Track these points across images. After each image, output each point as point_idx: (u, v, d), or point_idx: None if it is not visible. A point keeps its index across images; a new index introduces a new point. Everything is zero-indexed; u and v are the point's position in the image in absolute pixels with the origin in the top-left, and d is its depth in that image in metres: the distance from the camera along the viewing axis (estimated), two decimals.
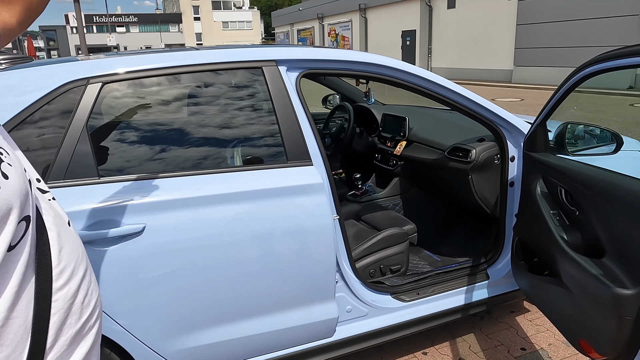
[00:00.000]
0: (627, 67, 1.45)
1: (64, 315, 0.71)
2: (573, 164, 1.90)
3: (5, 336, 0.61)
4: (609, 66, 1.53)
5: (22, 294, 0.64)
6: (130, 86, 1.77)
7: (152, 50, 2.07)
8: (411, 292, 2.30)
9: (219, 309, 1.79)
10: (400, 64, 2.13)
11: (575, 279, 1.73)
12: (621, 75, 13.22)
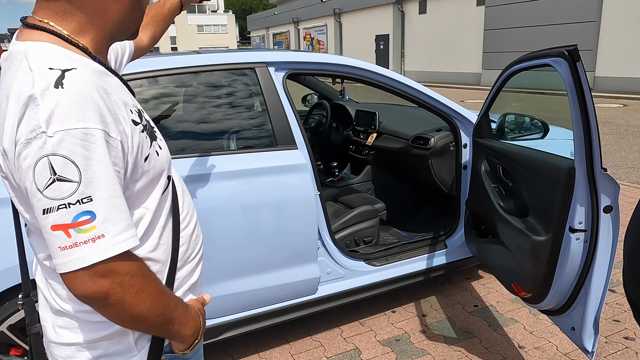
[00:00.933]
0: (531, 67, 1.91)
1: (186, 247, 1.04)
2: (508, 146, 2.35)
3: (157, 256, 0.95)
4: (523, 67, 1.98)
5: (166, 228, 0.97)
6: (149, 84, 2.14)
7: (160, 54, 2.44)
8: (381, 259, 2.71)
9: (221, 268, 2.16)
10: (370, 65, 2.55)
11: (508, 236, 2.18)
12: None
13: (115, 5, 0.87)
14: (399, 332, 2.64)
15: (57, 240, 0.75)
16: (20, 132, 0.74)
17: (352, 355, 2.45)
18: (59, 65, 0.78)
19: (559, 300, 1.98)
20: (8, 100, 0.77)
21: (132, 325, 0.88)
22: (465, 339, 2.56)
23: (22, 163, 0.75)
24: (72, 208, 0.74)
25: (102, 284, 0.78)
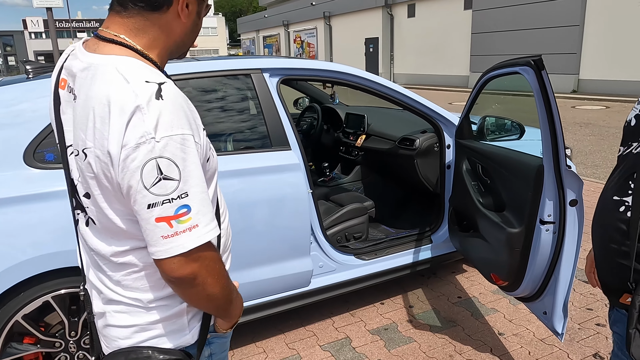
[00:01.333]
0: (503, 75, 2.09)
1: (225, 239, 1.15)
2: (487, 146, 2.53)
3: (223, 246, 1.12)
4: (496, 74, 2.16)
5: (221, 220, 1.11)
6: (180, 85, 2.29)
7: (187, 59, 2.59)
8: (370, 253, 2.88)
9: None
10: (359, 71, 2.72)
11: (487, 229, 2.36)
12: (565, 81, 14.39)
13: (179, 26, 1.00)
14: (387, 322, 2.81)
15: (160, 231, 0.88)
16: (128, 137, 0.85)
17: (344, 344, 2.61)
18: (152, 78, 0.90)
19: (532, 287, 2.16)
20: (108, 109, 0.87)
21: (203, 304, 1.03)
22: (449, 327, 2.73)
23: (129, 164, 0.86)
24: (174, 202, 0.88)
25: (193, 267, 0.92)
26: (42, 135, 2.05)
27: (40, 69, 2.42)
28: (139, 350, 1.04)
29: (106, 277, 1.05)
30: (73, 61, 0.98)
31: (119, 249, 0.99)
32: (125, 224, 0.96)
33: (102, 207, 0.96)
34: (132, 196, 0.88)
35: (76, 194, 1.02)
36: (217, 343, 1.16)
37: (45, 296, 2.01)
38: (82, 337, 2.12)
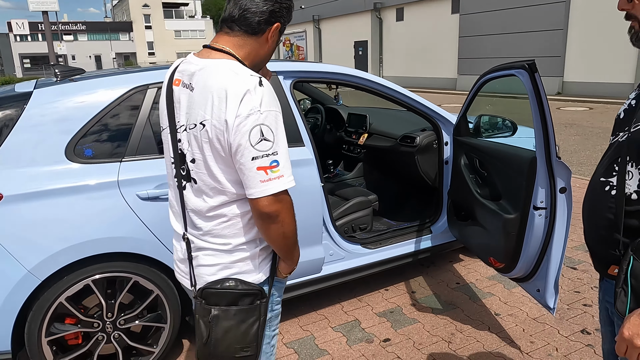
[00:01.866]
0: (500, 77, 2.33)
1: None
2: (484, 142, 2.77)
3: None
4: (494, 75, 2.40)
5: None
6: None
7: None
8: (375, 243, 3.09)
9: None
10: (364, 73, 2.94)
11: (485, 217, 2.59)
12: (550, 83, 14.80)
13: (265, 47, 1.42)
14: (392, 305, 3.03)
15: (259, 176, 1.25)
16: (241, 110, 1.23)
17: (353, 325, 2.82)
18: (254, 74, 1.29)
19: (527, 268, 2.40)
20: (226, 93, 1.24)
21: (278, 242, 1.38)
22: (450, 309, 2.96)
23: (241, 128, 1.23)
24: (269, 157, 1.24)
25: (278, 206, 1.28)
26: (80, 133, 2.24)
27: (67, 72, 2.61)
28: (226, 280, 1.39)
29: (198, 231, 1.42)
30: (187, 66, 1.38)
31: (213, 204, 1.36)
32: (223, 179, 1.32)
33: (209, 165, 1.32)
34: (241, 151, 1.25)
35: (184, 162, 1.39)
36: (277, 286, 1.53)
37: (86, 280, 2.19)
38: (117, 318, 2.30)
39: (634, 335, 1.13)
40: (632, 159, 1.21)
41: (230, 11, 1.37)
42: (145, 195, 2.26)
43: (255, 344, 1.42)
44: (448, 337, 2.68)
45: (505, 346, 2.57)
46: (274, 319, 1.58)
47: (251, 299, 1.40)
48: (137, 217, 2.25)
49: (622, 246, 1.25)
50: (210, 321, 1.38)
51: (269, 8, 1.37)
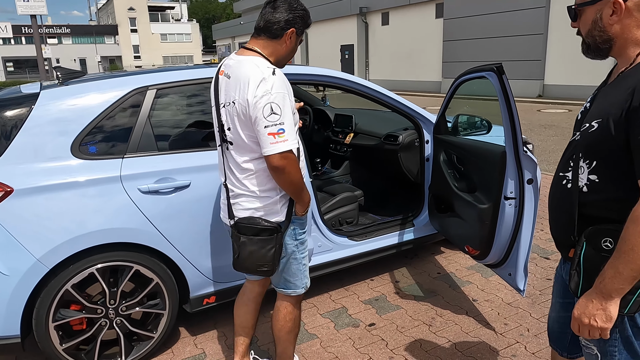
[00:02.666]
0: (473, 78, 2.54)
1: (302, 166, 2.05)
2: (461, 139, 2.98)
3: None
4: (468, 77, 2.61)
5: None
6: (175, 91, 2.65)
7: (183, 67, 2.94)
8: (361, 235, 3.28)
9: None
10: (349, 76, 3.13)
11: (462, 209, 2.80)
12: (531, 86, 15.20)
13: (284, 48, 1.98)
14: (377, 294, 3.22)
15: (269, 140, 1.78)
16: (258, 92, 1.78)
17: (341, 312, 3.01)
18: (271, 66, 1.85)
19: (499, 254, 2.61)
20: (248, 80, 1.80)
21: (288, 187, 1.91)
22: (431, 296, 3.16)
23: (257, 105, 1.77)
24: (277, 126, 1.78)
25: (284, 162, 1.81)
26: (85, 131, 2.39)
27: (69, 74, 2.76)
28: (254, 218, 1.97)
29: (236, 180, 1.99)
30: (229, 61, 1.97)
31: (245, 158, 1.93)
32: (249, 142, 1.89)
33: (239, 132, 1.89)
34: (257, 122, 1.79)
35: (223, 130, 1.97)
36: (297, 222, 2.07)
37: (90, 268, 2.34)
38: (119, 305, 2.45)
39: (581, 314, 1.30)
40: (583, 155, 1.36)
41: (258, 22, 1.96)
42: (146, 189, 2.42)
43: (271, 263, 1.98)
44: (429, 321, 2.87)
45: (481, 328, 2.78)
46: (301, 245, 2.11)
47: (270, 232, 1.95)
48: (139, 210, 2.40)
49: (577, 233, 1.39)
50: (240, 245, 1.98)
51: (284, 17, 1.92)
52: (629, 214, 1.19)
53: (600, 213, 1.29)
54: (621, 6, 1.25)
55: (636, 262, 1.16)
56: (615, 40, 1.31)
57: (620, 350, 1.35)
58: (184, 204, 2.51)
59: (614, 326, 1.32)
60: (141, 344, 2.56)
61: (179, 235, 2.52)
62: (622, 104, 1.21)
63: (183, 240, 2.53)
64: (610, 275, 1.21)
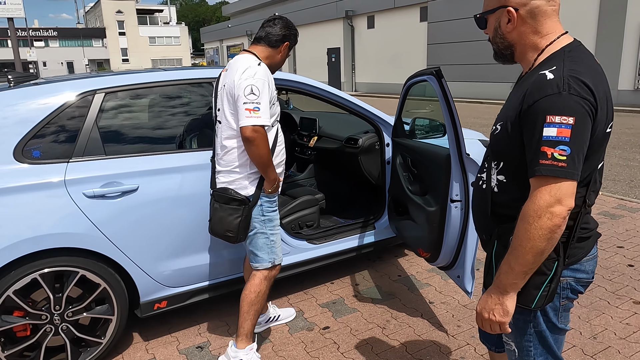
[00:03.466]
0: (418, 82, 2.56)
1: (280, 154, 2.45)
2: (415, 142, 2.99)
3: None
4: (414, 81, 2.62)
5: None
6: (124, 95, 2.64)
7: (133, 71, 2.93)
8: (321, 238, 3.28)
9: (190, 243, 2.66)
10: (309, 80, 3.13)
11: (414, 211, 2.81)
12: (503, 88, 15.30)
13: (276, 57, 2.41)
14: (335, 297, 3.22)
15: (245, 114, 2.13)
16: (243, 75, 2.18)
17: (297, 315, 3.00)
18: (259, 61, 2.28)
19: (449, 256, 2.62)
20: (238, 68, 2.21)
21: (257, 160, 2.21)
22: (389, 299, 3.17)
23: (241, 85, 2.16)
24: (254, 104, 2.14)
25: (255, 135, 2.14)
26: (29, 136, 2.37)
27: (20, 77, 2.74)
28: (227, 189, 2.32)
29: (218, 156, 2.36)
30: (231, 60, 2.36)
31: (226, 135, 2.29)
32: (230, 119, 2.26)
33: (224, 111, 2.28)
34: (238, 99, 2.16)
35: (216, 110, 2.36)
36: (265, 199, 2.35)
37: (34, 274, 2.31)
38: (65, 311, 2.43)
39: (482, 309, 1.35)
40: (492, 157, 1.42)
41: (259, 33, 2.40)
42: (92, 194, 2.40)
43: (236, 230, 2.30)
44: (383, 324, 2.88)
45: (434, 330, 2.79)
46: (269, 222, 2.39)
47: (238, 203, 2.29)
48: (84, 214, 2.38)
49: (490, 231, 1.45)
50: (213, 210, 2.35)
51: (282, 33, 2.38)
52: None
53: (510, 212, 1.33)
54: (514, 15, 1.31)
55: (525, 257, 1.21)
56: (515, 46, 1.37)
57: (535, 345, 1.41)
58: (131, 209, 2.49)
59: (528, 321, 1.39)
60: (89, 350, 2.54)
61: (127, 239, 2.50)
62: (517, 107, 1.26)
63: (131, 245, 2.52)
64: (505, 271, 1.27)
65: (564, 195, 1.16)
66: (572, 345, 2.58)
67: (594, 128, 1.21)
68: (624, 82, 13.24)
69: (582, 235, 1.34)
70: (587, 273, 1.38)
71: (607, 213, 4.66)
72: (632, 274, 3.37)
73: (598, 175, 1.34)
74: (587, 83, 1.18)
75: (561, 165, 1.15)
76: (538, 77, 1.23)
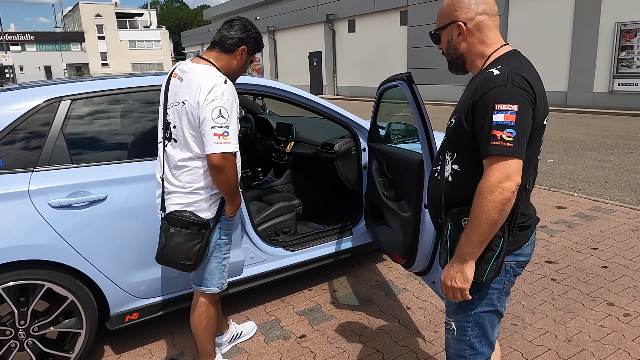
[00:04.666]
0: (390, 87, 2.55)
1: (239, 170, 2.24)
2: (390, 147, 2.98)
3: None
4: (386, 87, 2.61)
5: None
6: (92, 102, 2.57)
7: (102, 77, 2.86)
8: (298, 245, 3.25)
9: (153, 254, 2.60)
10: (283, 85, 3.10)
11: (389, 217, 2.80)
12: None
13: (233, 63, 2.17)
14: (313, 304, 3.19)
15: (214, 139, 1.95)
16: (209, 96, 1.96)
17: (273, 324, 2.96)
18: (223, 76, 2.04)
19: (424, 262, 2.60)
20: (201, 85, 1.98)
21: (224, 187, 2.07)
22: (366, 305, 3.15)
23: (207, 107, 1.95)
24: (222, 128, 1.96)
25: (224, 162, 1.99)
26: None
27: None
28: (185, 212, 2.10)
29: (171, 176, 2.13)
30: (183, 66, 2.13)
31: (184, 156, 2.08)
32: (190, 140, 2.05)
33: (184, 131, 2.06)
34: (205, 122, 1.96)
35: (168, 128, 2.12)
36: (224, 223, 2.21)
37: None
38: (31, 325, 2.35)
39: (445, 278, 1.50)
40: (447, 149, 1.57)
41: (214, 37, 2.18)
42: (57, 204, 2.33)
43: (195, 257, 2.12)
44: (360, 330, 2.85)
45: (411, 336, 2.77)
46: (224, 246, 2.26)
47: (198, 228, 2.10)
48: (49, 225, 2.31)
49: (444, 216, 1.59)
50: (168, 236, 2.11)
51: (237, 36, 2.14)
52: None
53: (462, 196, 1.50)
54: (463, 28, 1.53)
55: (481, 227, 1.37)
56: (465, 56, 1.57)
57: (473, 326, 1.59)
58: (100, 219, 2.42)
59: (472, 302, 1.56)
60: None
61: (95, 250, 2.43)
62: (469, 101, 1.45)
63: (100, 256, 2.45)
64: (464, 241, 1.42)
65: (513, 172, 1.33)
66: (547, 349, 2.59)
67: (533, 117, 1.39)
68: (598, 85, 13.51)
69: (524, 223, 1.52)
70: (526, 256, 1.58)
71: (582, 215, 4.72)
72: (607, 276, 3.41)
73: (535, 164, 1.53)
74: (527, 79, 1.38)
75: (509, 146, 1.32)
76: (487, 74, 1.43)
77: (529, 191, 1.52)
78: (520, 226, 1.51)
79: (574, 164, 7.13)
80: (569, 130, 10.19)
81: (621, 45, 12.84)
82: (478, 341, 1.60)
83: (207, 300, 2.30)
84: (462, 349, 1.63)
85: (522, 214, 1.50)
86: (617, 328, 2.76)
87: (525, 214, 1.53)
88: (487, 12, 1.52)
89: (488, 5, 1.52)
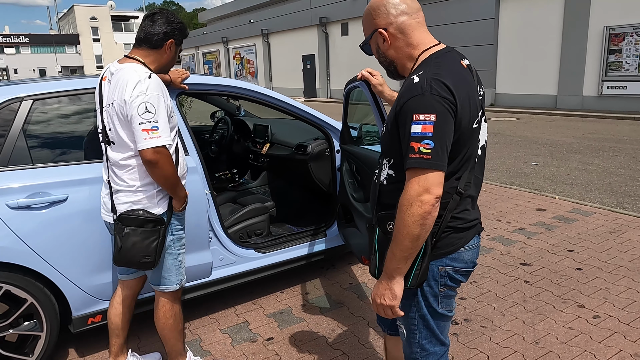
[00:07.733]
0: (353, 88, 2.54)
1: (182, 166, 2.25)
2: (359, 149, 2.97)
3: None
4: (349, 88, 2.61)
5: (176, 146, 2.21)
6: (54, 102, 2.54)
7: (65, 77, 2.84)
8: (269, 247, 3.23)
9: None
10: (253, 86, 3.08)
11: (358, 219, 2.78)
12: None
13: (163, 58, 2.17)
14: (283, 307, 3.16)
15: (144, 135, 1.93)
16: (134, 92, 1.95)
17: (242, 326, 2.93)
18: (147, 71, 2.03)
19: None
20: (127, 83, 1.97)
21: (162, 181, 2.04)
22: (337, 308, 3.13)
23: (133, 104, 1.94)
24: (151, 123, 1.94)
25: (157, 156, 1.96)
26: None
27: None
28: (136, 211, 2.08)
29: (116, 176, 2.11)
30: (112, 68, 2.11)
31: (124, 155, 2.06)
32: (127, 140, 2.03)
33: (118, 131, 2.04)
34: (132, 120, 1.95)
35: (104, 131, 2.11)
36: (175, 218, 2.20)
37: None
38: None
39: (375, 295, 1.46)
40: (383, 155, 1.55)
41: (139, 34, 2.14)
42: (15, 205, 2.30)
43: (154, 254, 2.11)
44: (328, 333, 2.83)
45: (379, 339, 2.75)
46: (177, 242, 2.24)
47: (153, 224, 2.09)
48: (7, 226, 2.28)
49: (374, 220, 1.56)
50: (123, 236, 2.08)
51: (162, 30, 2.11)
52: None
53: (393, 201, 1.43)
54: (385, 35, 1.49)
55: (403, 242, 1.32)
56: (396, 62, 1.53)
57: (419, 328, 1.57)
58: (60, 220, 2.40)
59: (413, 305, 1.53)
60: None
61: (56, 251, 2.40)
62: (394, 109, 1.42)
63: (60, 257, 2.42)
64: (389, 257, 1.38)
65: (431, 185, 1.29)
66: (513, 352, 2.57)
67: (458, 123, 1.34)
68: (588, 88, 13.57)
69: (460, 225, 1.47)
70: (466, 263, 1.51)
71: (562, 217, 4.72)
72: (580, 278, 3.40)
73: (478, 166, 1.50)
74: (448, 84, 1.32)
75: (426, 158, 1.28)
76: (408, 81, 1.39)
77: (471, 196, 1.47)
78: (453, 227, 1.46)
79: (558, 167, 7.14)
80: (556, 133, 10.22)
81: (610, 49, 12.91)
82: (428, 342, 1.59)
83: (169, 298, 2.28)
84: (413, 351, 1.62)
85: (456, 217, 1.45)
86: (585, 330, 2.75)
87: (461, 217, 1.47)
88: (406, 12, 1.46)
89: (406, 5, 1.46)
